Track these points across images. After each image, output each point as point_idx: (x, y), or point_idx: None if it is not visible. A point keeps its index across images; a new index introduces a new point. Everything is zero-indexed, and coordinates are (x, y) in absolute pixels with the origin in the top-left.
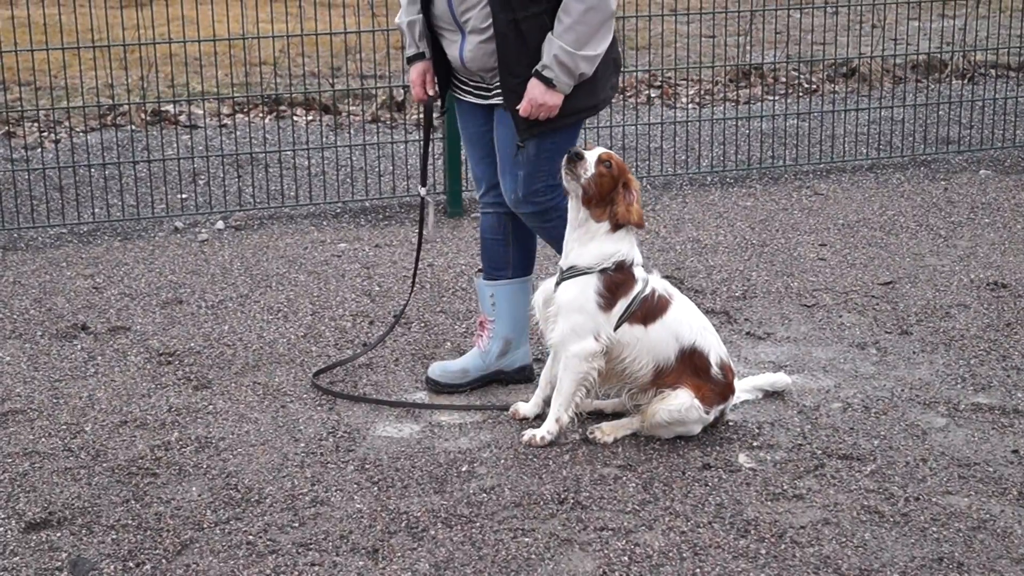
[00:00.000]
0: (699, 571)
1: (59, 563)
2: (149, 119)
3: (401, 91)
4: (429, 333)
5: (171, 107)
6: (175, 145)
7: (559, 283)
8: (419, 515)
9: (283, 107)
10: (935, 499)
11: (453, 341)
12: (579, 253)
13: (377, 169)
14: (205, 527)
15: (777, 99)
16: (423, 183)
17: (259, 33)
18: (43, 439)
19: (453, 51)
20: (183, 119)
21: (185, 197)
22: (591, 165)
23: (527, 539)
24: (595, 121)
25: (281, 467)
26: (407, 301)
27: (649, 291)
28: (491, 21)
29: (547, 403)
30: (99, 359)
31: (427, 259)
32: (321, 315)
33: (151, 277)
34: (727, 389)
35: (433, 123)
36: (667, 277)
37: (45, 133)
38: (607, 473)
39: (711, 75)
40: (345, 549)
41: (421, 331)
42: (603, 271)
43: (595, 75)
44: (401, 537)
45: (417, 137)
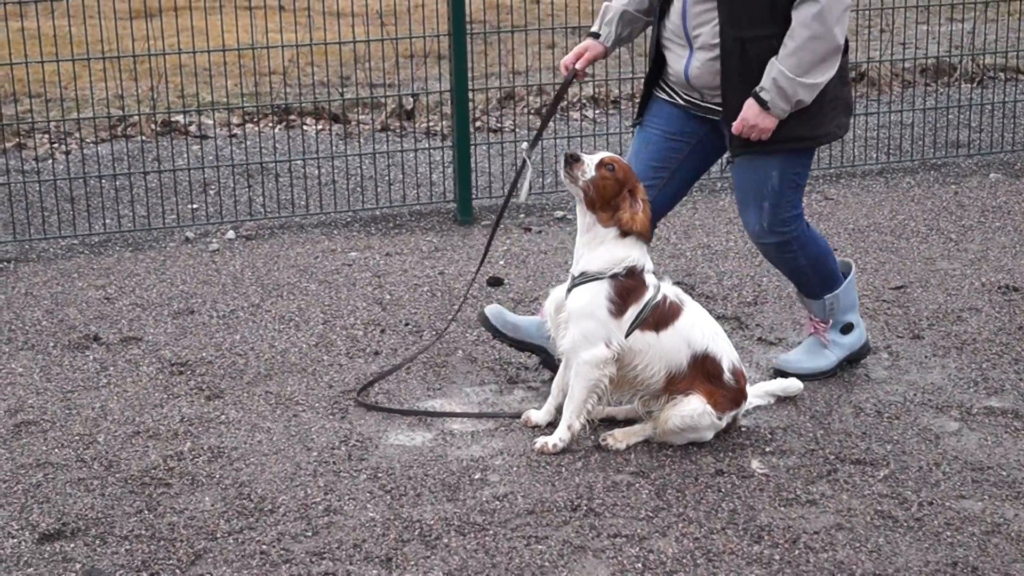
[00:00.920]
0: None
1: (73, 574)
2: (159, 130)
3: (410, 99)
4: (441, 342)
5: (181, 117)
6: (185, 155)
7: (570, 290)
8: (432, 523)
9: (293, 116)
10: (949, 503)
11: (465, 349)
12: (589, 259)
13: (387, 178)
14: (218, 537)
15: None
16: (532, 145)
17: (268, 43)
18: (56, 450)
19: (679, 66)
20: (193, 129)
21: (196, 207)
22: (590, 168)
23: (540, 546)
24: (605, 127)
25: (294, 476)
26: (472, 280)
27: (660, 298)
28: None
29: (559, 410)
30: (111, 370)
31: (438, 267)
32: (332, 324)
33: (162, 287)
34: (739, 395)
35: (564, 95)
36: (678, 283)
37: (56, 144)
38: (620, 480)
39: None
40: (359, 558)
41: (432, 339)
42: (613, 277)
43: (822, 107)
44: (414, 545)
45: (427, 145)
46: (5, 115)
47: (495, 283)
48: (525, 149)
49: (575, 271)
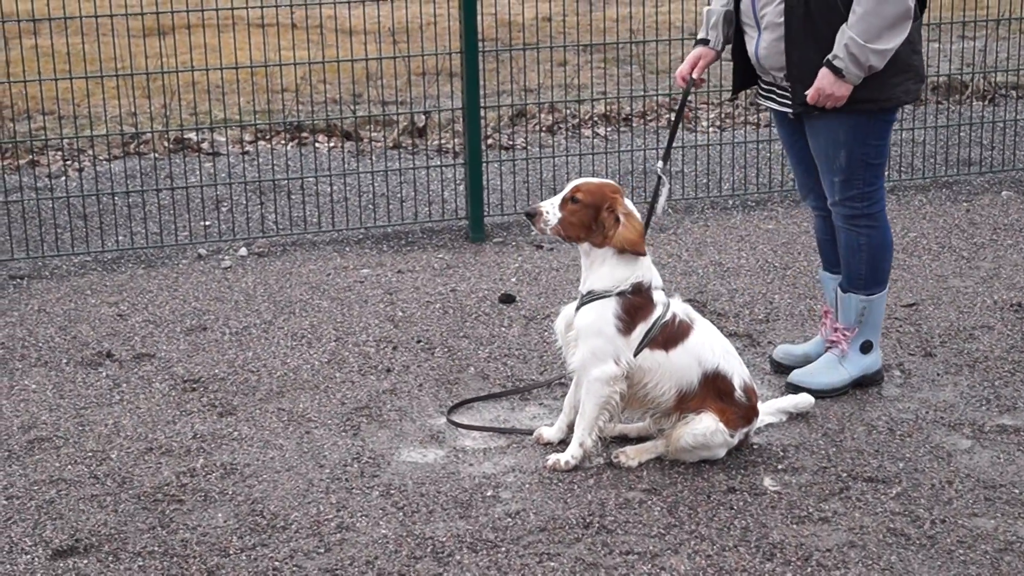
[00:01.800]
0: None
1: None
2: (172, 147)
3: (422, 117)
4: (452, 359)
5: (194, 135)
6: (198, 173)
7: (579, 308)
8: (444, 540)
9: (305, 134)
10: (961, 521)
11: (477, 366)
12: (594, 279)
13: (399, 195)
14: (231, 553)
15: None
16: (665, 160)
17: (280, 60)
18: (69, 466)
19: (751, 47)
20: (206, 147)
21: (208, 224)
22: (553, 212)
23: (553, 563)
24: (616, 145)
25: (306, 493)
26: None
27: (669, 316)
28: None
29: (571, 428)
30: (124, 386)
31: (449, 284)
32: (344, 341)
33: (175, 304)
34: (751, 412)
35: (686, 105)
36: (689, 300)
37: (69, 161)
38: (632, 497)
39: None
40: (371, 574)
41: (444, 357)
42: (620, 294)
43: (887, 71)
44: (427, 562)
45: (438, 163)
46: (19, 132)
47: (507, 300)
48: (660, 168)
49: (583, 289)
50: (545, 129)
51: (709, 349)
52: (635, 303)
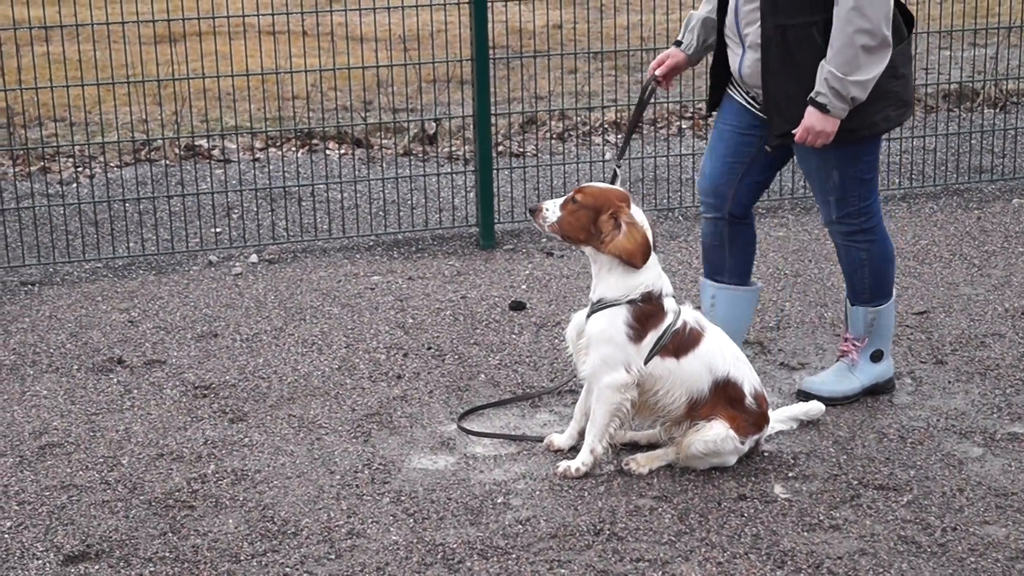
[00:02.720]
0: None
1: None
2: (183, 154)
3: (433, 124)
4: (463, 365)
5: (204, 142)
6: (209, 179)
7: (589, 315)
8: (455, 547)
9: (315, 141)
10: (972, 529)
11: (487, 373)
12: (603, 287)
13: (409, 202)
14: (242, 559)
15: None
16: (620, 156)
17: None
18: (80, 472)
19: (734, 63)
20: (216, 153)
21: (219, 231)
22: (553, 210)
23: (563, 570)
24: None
25: (317, 499)
26: None
27: (680, 324)
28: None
29: (582, 435)
30: (135, 392)
31: (460, 291)
32: (355, 348)
33: (186, 311)
34: (762, 419)
35: (645, 103)
36: (699, 308)
37: (80, 168)
38: (642, 504)
39: None
40: None
41: (455, 363)
42: (631, 303)
43: (867, 100)
44: (437, 569)
45: (449, 170)
46: (30, 139)
47: (517, 307)
48: (615, 165)
49: (593, 297)
50: (555, 136)
51: (720, 356)
52: (646, 311)
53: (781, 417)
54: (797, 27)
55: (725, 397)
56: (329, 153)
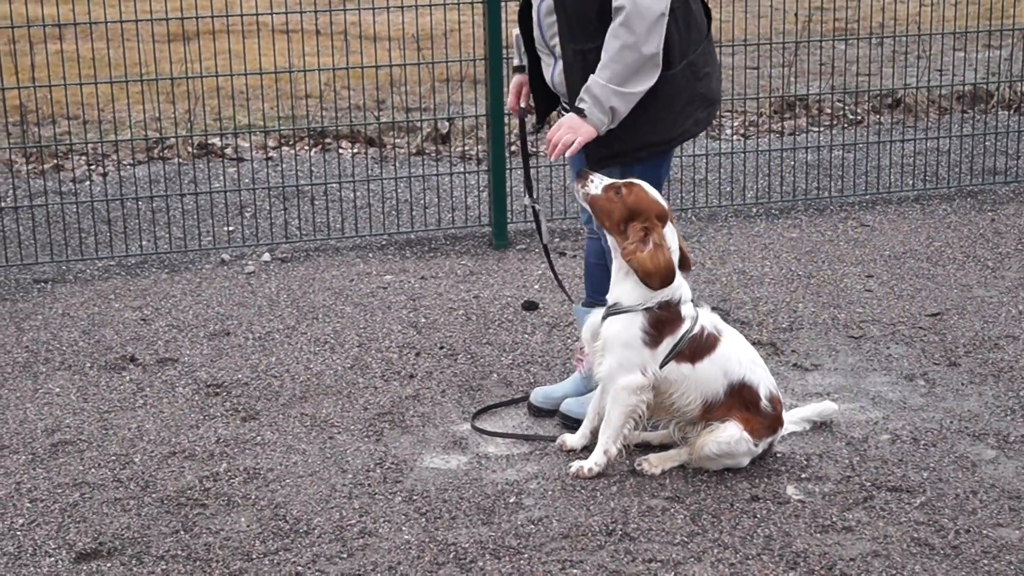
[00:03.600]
0: None
1: None
2: (196, 152)
3: (446, 123)
4: (475, 365)
5: (217, 140)
6: (222, 178)
7: (604, 318)
8: (467, 546)
9: (328, 140)
10: (986, 531)
11: (500, 373)
12: (620, 290)
13: (422, 201)
14: (254, 558)
15: (822, 130)
16: (528, 193)
17: (304, 66)
18: (93, 470)
19: (547, 73)
20: (229, 152)
21: (232, 229)
22: (596, 186)
23: (575, 570)
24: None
25: (329, 498)
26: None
27: (698, 329)
28: None
29: (595, 434)
30: (148, 390)
31: (473, 291)
32: (367, 347)
33: (198, 309)
34: (776, 421)
35: (527, 135)
36: (713, 309)
37: (93, 166)
38: (655, 505)
39: (755, 107)
40: None
41: (467, 363)
42: (647, 310)
43: (673, 109)
44: (449, 568)
45: (462, 169)
46: (43, 137)
47: (530, 307)
48: (527, 202)
49: (609, 299)
50: None
51: (736, 361)
52: (662, 317)
53: (794, 418)
54: (596, 50)
55: (740, 400)
56: (342, 152)
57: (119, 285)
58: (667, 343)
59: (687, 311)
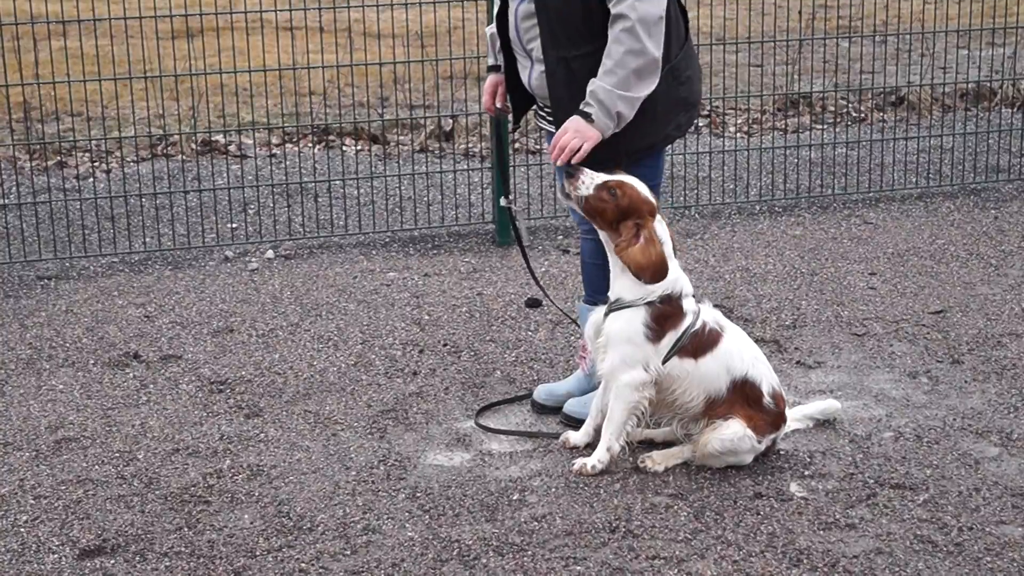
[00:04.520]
0: None
1: None
2: (199, 149)
3: (449, 121)
4: (479, 362)
5: (221, 137)
6: (225, 175)
7: (607, 314)
8: (471, 543)
9: (332, 137)
10: (989, 529)
11: (503, 370)
12: (620, 286)
13: (426, 198)
14: (258, 554)
15: (825, 128)
16: (506, 194)
17: (308, 63)
18: (96, 466)
19: (524, 75)
20: (233, 149)
21: (235, 226)
22: (587, 187)
23: (579, 567)
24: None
25: (333, 495)
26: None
27: (700, 324)
28: None
29: (598, 432)
30: (151, 387)
31: (476, 288)
32: (371, 344)
33: (202, 306)
34: (779, 418)
35: (503, 135)
36: (717, 306)
37: (96, 163)
38: (658, 502)
39: (759, 104)
40: None
41: (471, 360)
42: (649, 304)
43: (655, 115)
44: (453, 565)
45: (466, 166)
46: (47, 133)
47: (533, 304)
48: (504, 202)
49: (610, 295)
50: None
51: (738, 357)
52: (664, 312)
53: (797, 415)
54: (580, 57)
55: (743, 396)
56: (345, 149)
57: (123, 282)
58: (669, 338)
59: (689, 305)
